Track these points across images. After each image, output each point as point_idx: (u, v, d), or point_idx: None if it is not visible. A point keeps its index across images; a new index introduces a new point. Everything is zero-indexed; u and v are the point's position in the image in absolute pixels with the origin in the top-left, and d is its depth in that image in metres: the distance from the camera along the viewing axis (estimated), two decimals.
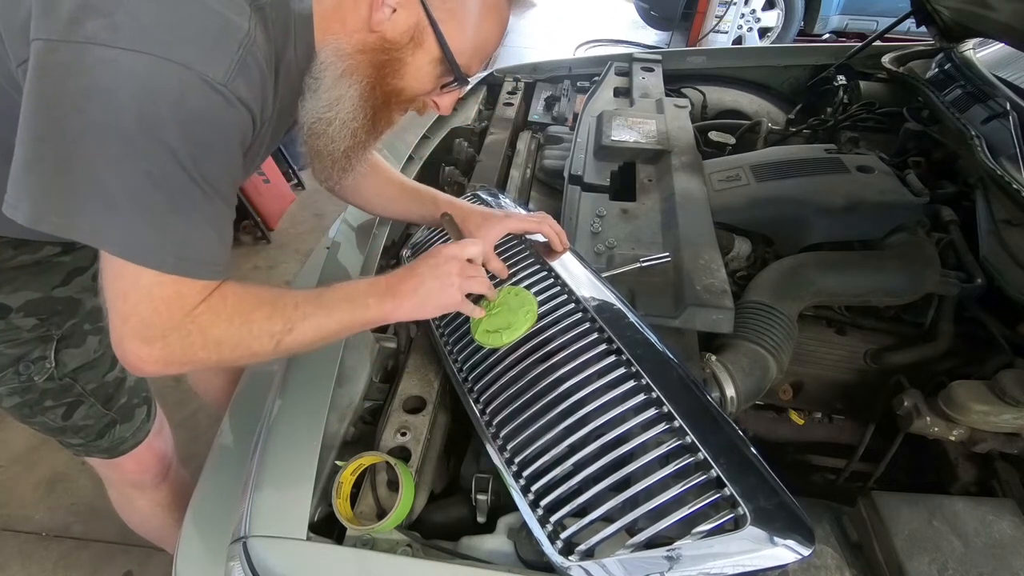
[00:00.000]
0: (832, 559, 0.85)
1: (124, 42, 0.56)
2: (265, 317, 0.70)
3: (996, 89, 1.42)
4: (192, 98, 0.58)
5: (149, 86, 0.57)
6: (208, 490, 1.00)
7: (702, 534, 0.65)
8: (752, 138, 1.71)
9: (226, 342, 0.68)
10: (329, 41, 0.72)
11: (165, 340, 0.64)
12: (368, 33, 0.71)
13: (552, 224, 0.99)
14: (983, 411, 0.98)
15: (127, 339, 0.64)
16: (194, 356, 0.67)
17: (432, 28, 0.72)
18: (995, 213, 1.22)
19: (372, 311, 0.78)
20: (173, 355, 0.66)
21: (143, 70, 0.56)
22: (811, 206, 1.27)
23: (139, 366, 0.66)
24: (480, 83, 1.91)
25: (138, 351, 0.64)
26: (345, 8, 0.71)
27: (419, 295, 0.79)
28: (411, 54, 0.73)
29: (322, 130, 0.76)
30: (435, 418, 0.90)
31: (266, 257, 2.71)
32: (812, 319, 1.24)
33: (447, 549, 0.76)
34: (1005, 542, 0.84)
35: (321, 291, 0.77)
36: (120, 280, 0.62)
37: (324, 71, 0.72)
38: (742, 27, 4.80)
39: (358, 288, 0.78)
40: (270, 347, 0.71)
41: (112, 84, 0.56)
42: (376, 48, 0.72)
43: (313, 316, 0.73)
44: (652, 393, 0.75)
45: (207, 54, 0.59)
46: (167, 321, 0.64)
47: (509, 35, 0.82)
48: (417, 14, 0.71)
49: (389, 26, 0.71)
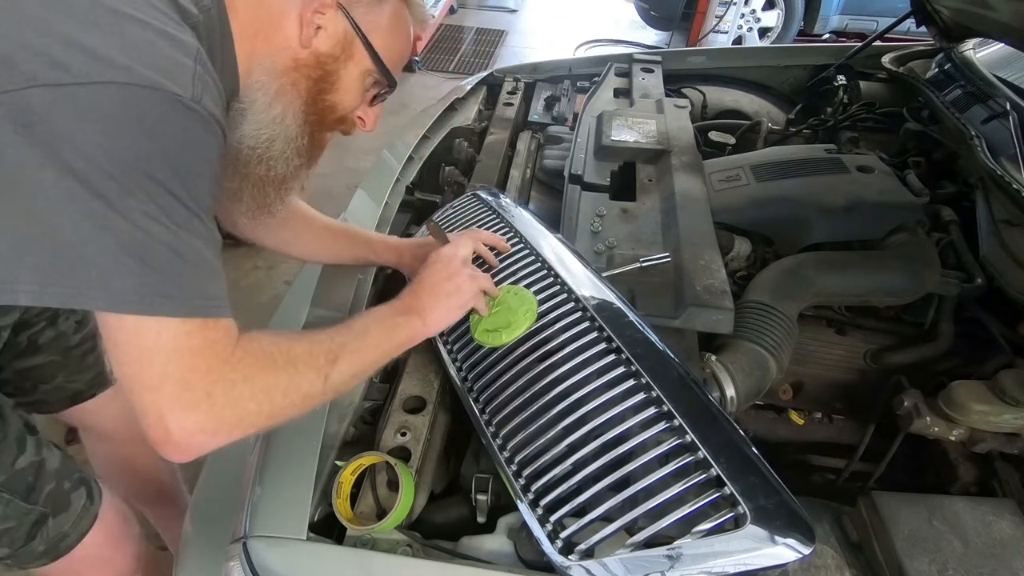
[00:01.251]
0: (832, 559, 0.85)
1: (72, 75, 0.50)
2: (306, 352, 0.66)
3: (996, 89, 1.42)
4: (168, 121, 0.54)
5: (119, 118, 0.51)
6: (208, 490, 1.01)
7: (702, 533, 0.65)
8: (752, 138, 1.71)
9: (275, 388, 0.62)
10: (257, 59, 0.69)
11: (210, 400, 0.57)
12: (299, 49, 0.70)
13: (484, 238, 0.97)
14: (983, 411, 0.98)
15: (167, 411, 0.55)
16: (244, 412, 0.60)
17: (361, 39, 0.72)
18: (995, 213, 1.22)
19: (403, 330, 0.77)
20: (222, 415, 0.58)
21: (108, 101, 0.51)
22: (811, 206, 1.27)
23: (186, 441, 0.57)
24: (480, 83, 1.92)
25: (183, 423, 0.56)
26: (267, 28, 0.69)
27: (440, 305, 0.80)
28: (344, 67, 0.73)
29: (262, 153, 0.72)
30: (435, 418, 0.90)
31: (266, 257, 2.71)
32: (812, 319, 1.24)
33: (447, 549, 0.76)
34: (1005, 542, 0.84)
35: (348, 322, 0.74)
36: (137, 345, 0.55)
37: (256, 91, 0.70)
38: (742, 27, 4.80)
39: (383, 312, 0.78)
40: (320, 385, 0.66)
41: (71, 126, 0.50)
42: (311, 64, 0.71)
43: (350, 344, 0.70)
44: (652, 392, 0.75)
45: (169, 73, 0.54)
46: (206, 375, 0.57)
47: (509, 35, 0.83)
48: (343, 27, 0.71)
49: (319, 41, 0.70)
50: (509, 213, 1.10)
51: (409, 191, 1.46)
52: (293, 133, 0.73)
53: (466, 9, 5.65)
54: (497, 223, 1.08)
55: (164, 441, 0.57)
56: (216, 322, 0.58)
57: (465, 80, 1.94)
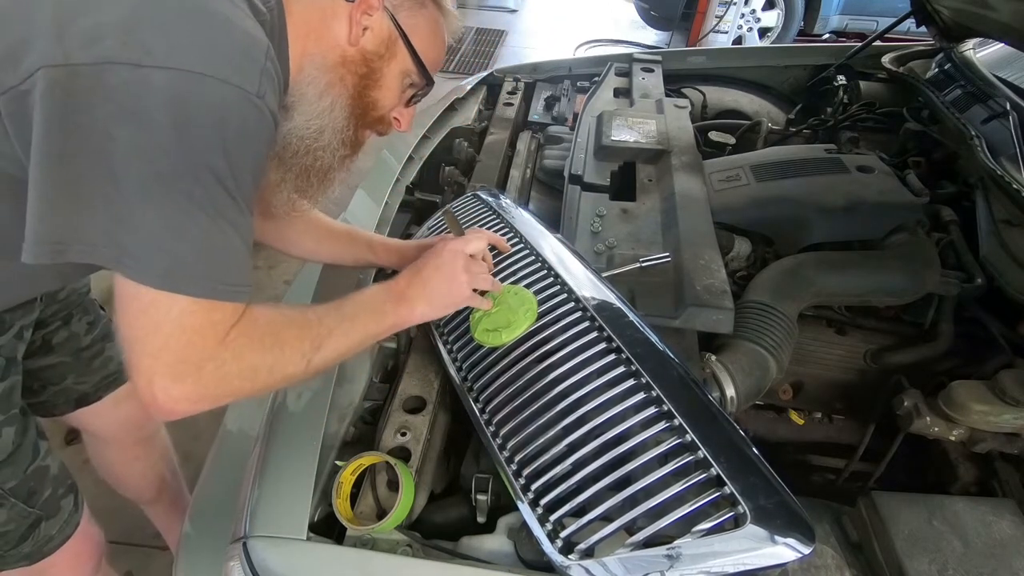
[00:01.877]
0: (832, 559, 0.85)
1: (153, 59, 0.54)
2: (295, 337, 0.68)
3: (996, 89, 1.42)
4: (234, 113, 0.57)
5: (188, 103, 0.55)
6: (208, 490, 1.01)
7: (702, 532, 0.65)
8: (752, 138, 1.71)
9: (261, 367, 0.65)
10: (309, 57, 0.73)
11: (199, 373, 0.60)
12: (347, 47, 0.74)
13: (487, 238, 0.98)
14: (983, 411, 0.98)
15: (158, 378, 0.59)
16: (228, 387, 0.63)
17: (403, 39, 0.76)
18: (995, 213, 1.22)
19: (390, 317, 0.78)
20: (207, 389, 0.62)
21: (179, 87, 0.54)
22: (811, 206, 1.27)
23: (170, 407, 0.61)
24: (480, 83, 1.92)
25: (169, 389, 0.59)
26: (319, 28, 0.72)
27: (429, 296, 0.81)
28: (387, 64, 0.77)
29: (310, 144, 0.75)
30: (435, 418, 0.90)
31: (266, 257, 2.71)
32: (812, 319, 1.24)
33: (447, 549, 0.76)
34: (1005, 542, 0.84)
35: (340, 303, 0.76)
36: (150, 313, 0.58)
37: (307, 86, 0.73)
38: (742, 27, 4.80)
39: (375, 296, 0.79)
40: (301, 367, 0.69)
41: (145, 104, 0.53)
42: (358, 60, 0.75)
43: (337, 329, 0.72)
44: (652, 391, 0.75)
45: (240, 67, 0.58)
46: (201, 352, 0.60)
47: (509, 35, 0.84)
48: (388, 28, 0.75)
49: (366, 40, 0.74)
50: (509, 213, 1.10)
51: (409, 191, 1.46)
52: (340, 124, 0.77)
53: (466, 9, 5.65)
54: (497, 223, 1.08)
55: (149, 402, 0.60)
56: (224, 304, 0.61)
57: (465, 80, 1.94)
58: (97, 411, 1.13)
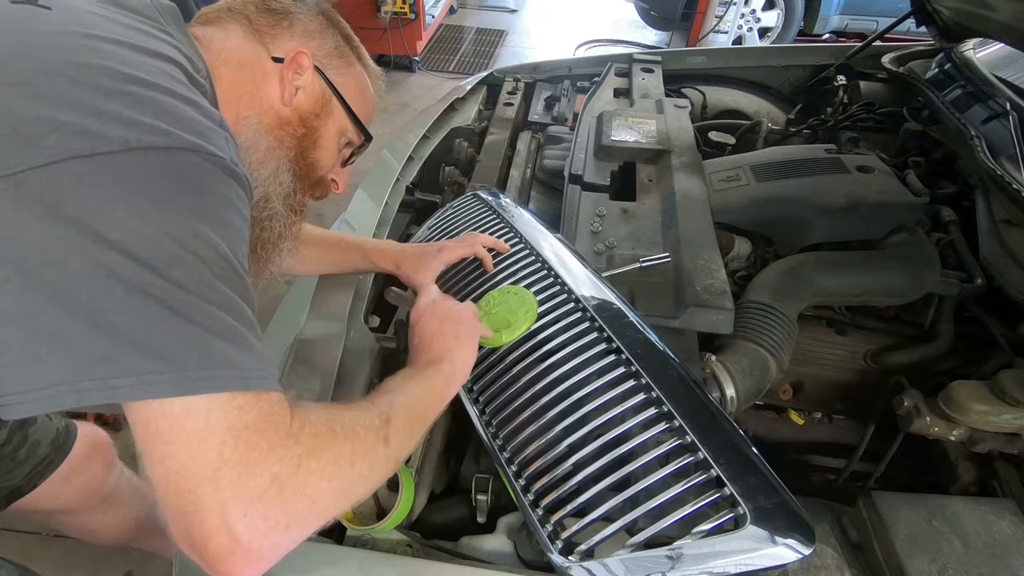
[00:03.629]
0: (832, 559, 0.85)
1: (111, 144, 0.46)
2: (357, 417, 0.59)
3: (996, 89, 1.42)
4: (215, 181, 0.52)
5: (164, 181, 0.48)
6: None
7: (702, 533, 0.65)
8: (752, 138, 1.71)
9: (342, 457, 0.54)
10: (244, 121, 0.69)
11: (278, 484, 0.48)
12: (282, 108, 0.71)
13: (484, 241, 1.00)
14: (983, 411, 0.98)
15: (231, 509, 0.46)
16: (316, 492, 0.51)
17: (336, 96, 0.76)
18: (995, 213, 1.22)
19: (437, 379, 0.74)
20: (294, 504, 0.49)
21: (151, 166, 0.48)
22: (811, 206, 1.27)
23: (259, 546, 0.47)
24: (480, 83, 1.92)
25: (252, 520, 0.47)
26: (250, 90, 0.70)
27: (454, 345, 0.78)
28: (324, 123, 0.76)
29: (257, 214, 0.69)
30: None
31: None
32: (812, 319, 1.24)
33: (447, 549, 0.76)
34: (1005, 542, 0.84)
35: (375, 392, 0.69)
36: (185, 430, 0.46)
37: (247, 152, 0.68)
38: (742, 27, 4.80)
39: (406, 374, 0.73)
40: (382, 448, 0.59)
41: (112, 194, 0.45)
42: (295, 122, 0.73)
43: (396, 402, 0.65)
44: (652, 392, 0.75)
45: (205, 135, 0.52)
46: (269, 453, 0.48)
47: (509, 35, 0.84)
48: (320, 86, 0.75)
49: (300, 99, 0.73)
50: (509, 213, 1.10)
51: (409, 191, 1.46)
52: (287, 190, 0.74)
53: (466, 9, 5.64)
54: (497, 223, 1.08)
55: (231, 550, 0.46)
56: (268, 394, 0.51)
57: (465, 80, 1.94)
58: (43, 495, 1.03)
